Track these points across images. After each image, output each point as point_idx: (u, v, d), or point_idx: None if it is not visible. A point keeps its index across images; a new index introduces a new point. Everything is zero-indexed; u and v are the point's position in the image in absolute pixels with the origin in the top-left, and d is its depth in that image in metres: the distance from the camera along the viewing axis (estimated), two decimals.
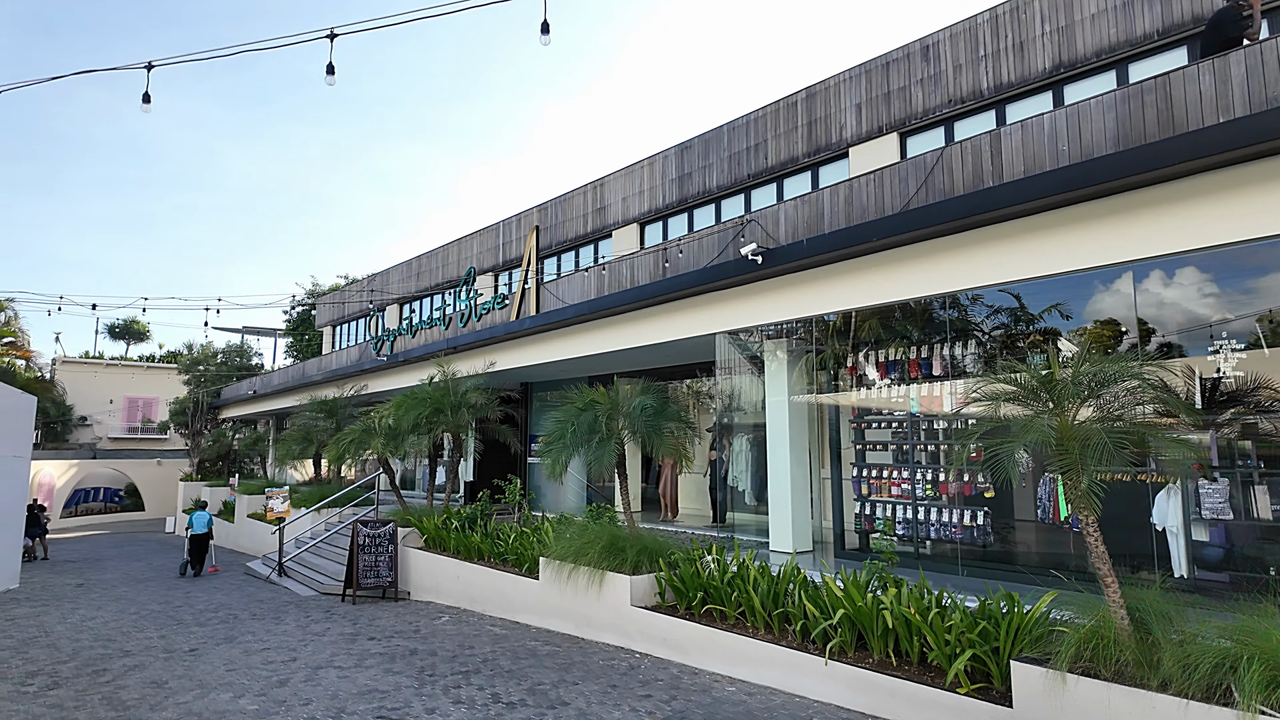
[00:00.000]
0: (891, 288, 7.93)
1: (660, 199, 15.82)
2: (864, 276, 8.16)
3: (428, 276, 23.80)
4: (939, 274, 7.48)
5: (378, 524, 12.83)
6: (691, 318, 10.14)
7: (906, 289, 7.79)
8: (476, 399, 13.67)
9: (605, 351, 11.69)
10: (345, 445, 13.65)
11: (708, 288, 9.58)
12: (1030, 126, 7.14)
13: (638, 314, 10.97)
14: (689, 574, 7.79)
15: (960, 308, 8.81)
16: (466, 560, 11.57)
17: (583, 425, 8.70)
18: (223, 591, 13.87)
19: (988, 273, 7.11)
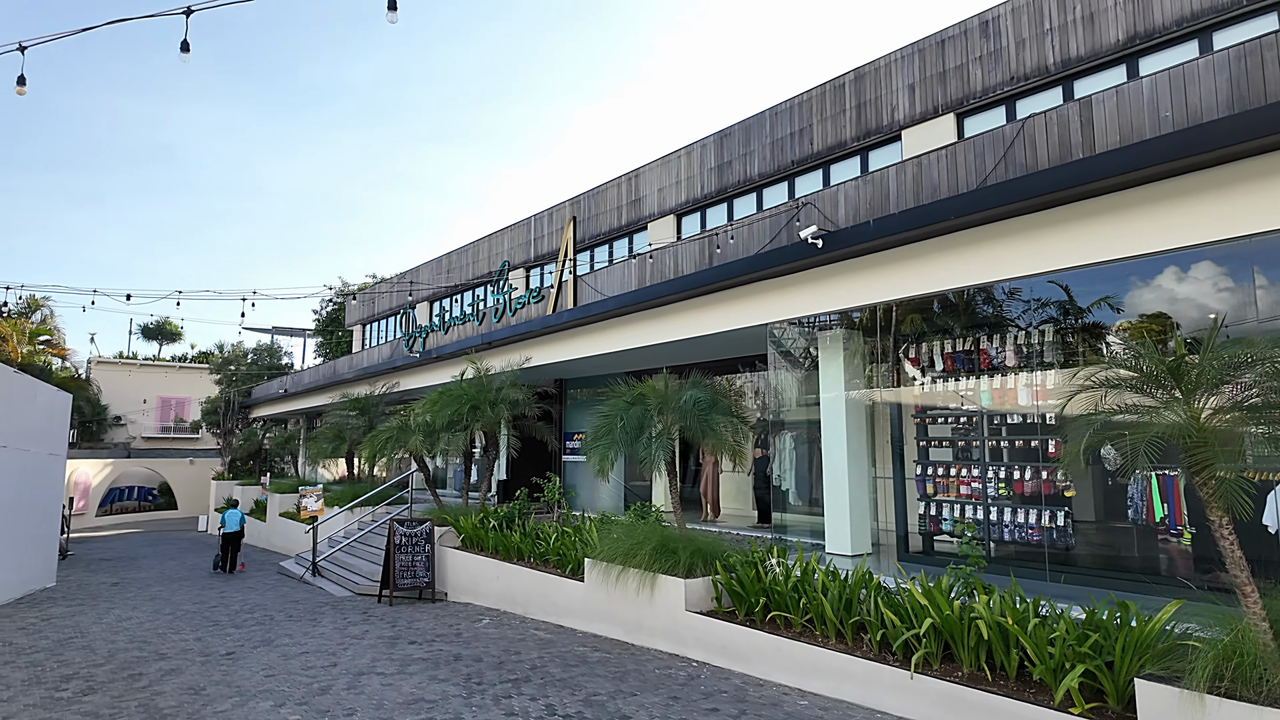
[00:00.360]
0: (969, 270, 7.37)
1: (698, 189, 15.34)
2: (937, 259, 7.59)
3: (459, 273, 23.54)
4: (1024, 254, 6.91)
5: (414, 523, 12.51)
6: (740, 308, 9.65)
7: (986, 271, 7.23)
8: (513, 395, 13.30)
9: (646, 345, 11.24)
10: (381, 442, 13.35)
11: (759, 275, 9.09)
12: (1126, 92, 6.57)
13: (682, 305, 10.50)
14: (749, 578, 7.31)
15: (1025, 293, 8.24)
16: (506, 560, 11.20)
17: (632, 420, 8.26)
18: (257, 592, 13.65)
19: (1081, 251, 6.52)
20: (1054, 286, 7.95)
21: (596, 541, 9.75)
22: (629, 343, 11.61)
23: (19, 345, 19.60)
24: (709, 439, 8.17)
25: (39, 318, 22.66)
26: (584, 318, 12.13)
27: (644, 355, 13.00)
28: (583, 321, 12.34)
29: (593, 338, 12.54)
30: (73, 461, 34.66)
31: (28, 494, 13.26)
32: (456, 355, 16.17)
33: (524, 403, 13.50)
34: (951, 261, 7.49)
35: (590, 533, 10.53)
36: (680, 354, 12.82)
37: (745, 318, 9.51)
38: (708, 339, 10.71)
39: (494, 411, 13.16)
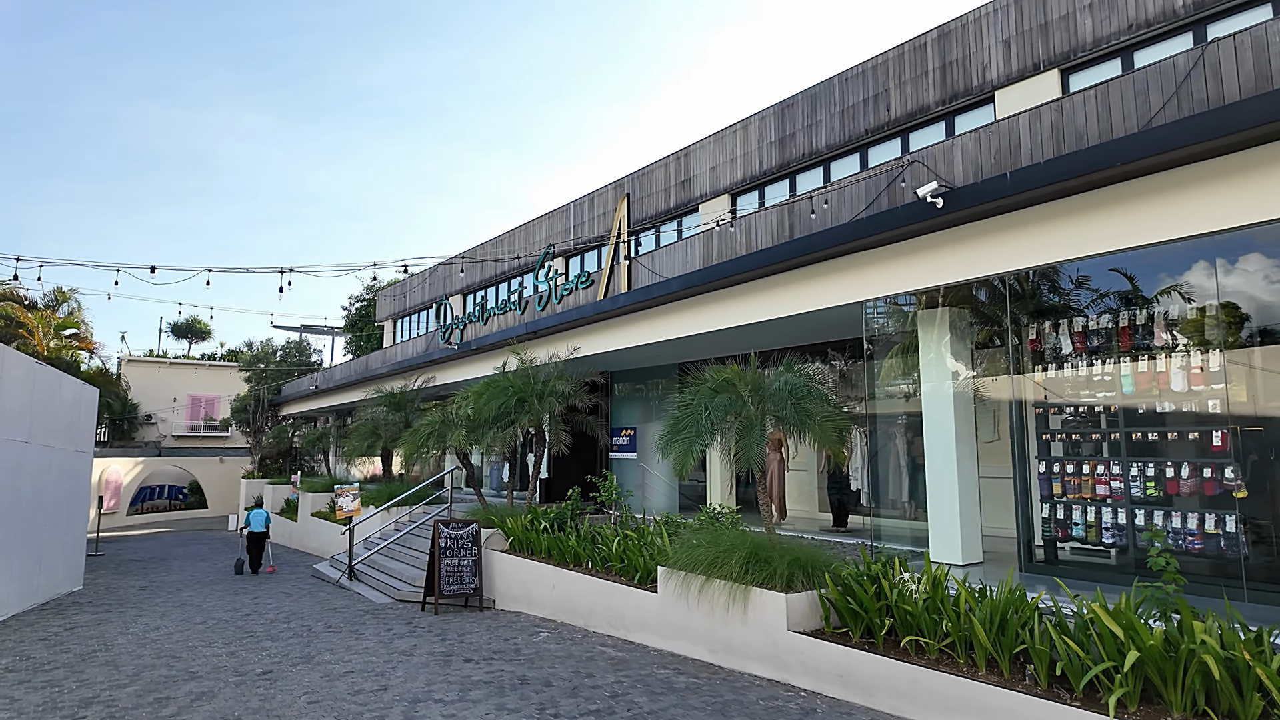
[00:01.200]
0: (1131, 229, 6.20)
1: (756, 165, 14.24)
2: (1097, 215, 6.41)
3: (493, 265, 22.66)
4: (1208, 208, 5.74)
5: (459, 524, 11.58)
6: (831, 283, 8.55)
7: (1155, 229, 6.06)
8: (561, 386, 12.32)
9: (712, 331, 10.17)
10: (422, 438, 12.44)
11: (856, 245, 7.98)
12: None
13: (758, 284, 9.42)
14: (866, 593, 6.23)
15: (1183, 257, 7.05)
16: (561, 566, 10.22)
17: (718, 409, 7.20)
18: (292, 597, 12.82)
19: None
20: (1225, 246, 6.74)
21: (668, 547, 8.73)
22: (692, 328, 10.55)
23: (45, 338, 19.05)
24: (809, 432, 7.10)
25: (66, 310, 22.08)
26: (641, 301, 11.09)
27: (704, 344, 11.95)
28: (640, 306, 11.31)
29: (649, 324, 11.51)
30: (104, 460, 34.41)
31: (53, 493, 12.55)
32: (498, 346, 15.24)
33: (573, 395, 12.52)
34: (1118, 217, 6.29)
35: (657, 537, 9.51)
36: (742, 342, 11.74)
37: (837, 294, 8.41)
38: (784, 323, 9.63)
39: (542, 405, 12.20)
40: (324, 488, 22.22)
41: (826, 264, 8.50)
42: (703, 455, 7.29)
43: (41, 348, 18.93)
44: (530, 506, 12.29)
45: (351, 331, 39.90)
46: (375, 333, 38.55)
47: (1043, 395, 7.96)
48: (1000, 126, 7.42)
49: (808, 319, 9.32)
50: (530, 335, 13.77)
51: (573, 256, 18.86)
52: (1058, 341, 7.81)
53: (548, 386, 12.58)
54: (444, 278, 25.62)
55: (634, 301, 11.17)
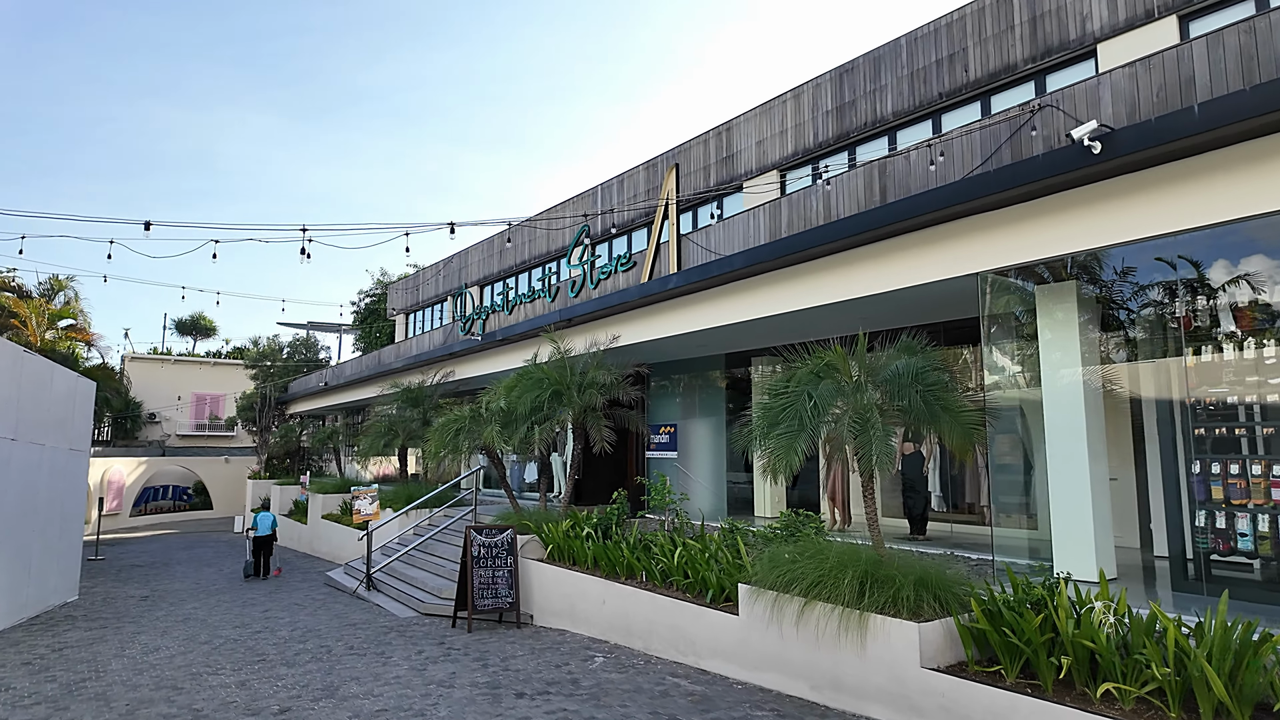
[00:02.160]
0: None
1: (810, 137, 13.04)
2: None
3: (513, 254, 21.50)
4: None
5: (493, 530, 10.41)
6: (939, 252, 7.31)
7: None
8: (604, 377, 11.14)
9: (785, 313, 8.95)
10: (450, 434, 11.28)
11: (977, 205, 6.76)
12: None
13: (843, 257, 8.20)
14: (1030, 624, 5.04)
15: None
16: (610, 579, 9.05)
17: (824, 396, 6.01)
18: (306, 610, 11.67)
19: None
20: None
21: (747, 561, 7.56)
22: (757, 310, 9.35)
23: (39, 329, 17.89)
24: (939, 425, 5.91)
25: (62, 300, 20.89)
26: (697, 282, 9.89)
27: (762, 331, 10.75)
28: (694, 287, 10.10)
29: (705, 307, 10.31)
30: (106, 460, 33.35)
31: (44, 495, 11.41)
32: (527, 336, 14.07)
33: (615, 387, 11.35)
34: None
35: (724, 548, 8.32)
36: (808, 328, 10.53)
37: (948, 264, 7.17)
38: (870, 303, 8.40)
39: (584, 396, 11.02)
40: (335, 489, 21.09)
41: (933, 230, 7.28)
42: (871, 454, 6.02)
43: (35, 339, 17.78)
44: (569, 511, 11.12)
45: (360, 327, 38.81)
46: (385, 328, 37.45)
47: (1194, 383, 6.75)
48: (1160, 59, 6.22)
49: (901, 297, 8.09)
50: (565, 323, 12.60)
51: (601, 243, 17.67)
52: (1215, 318, 6.60)
53: (587, 378, 11.41)
54: (459, 269, 24.48)
55: (687, 282, 9.98)
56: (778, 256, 8.62)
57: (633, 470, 17.27)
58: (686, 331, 10.55)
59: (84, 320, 20.73)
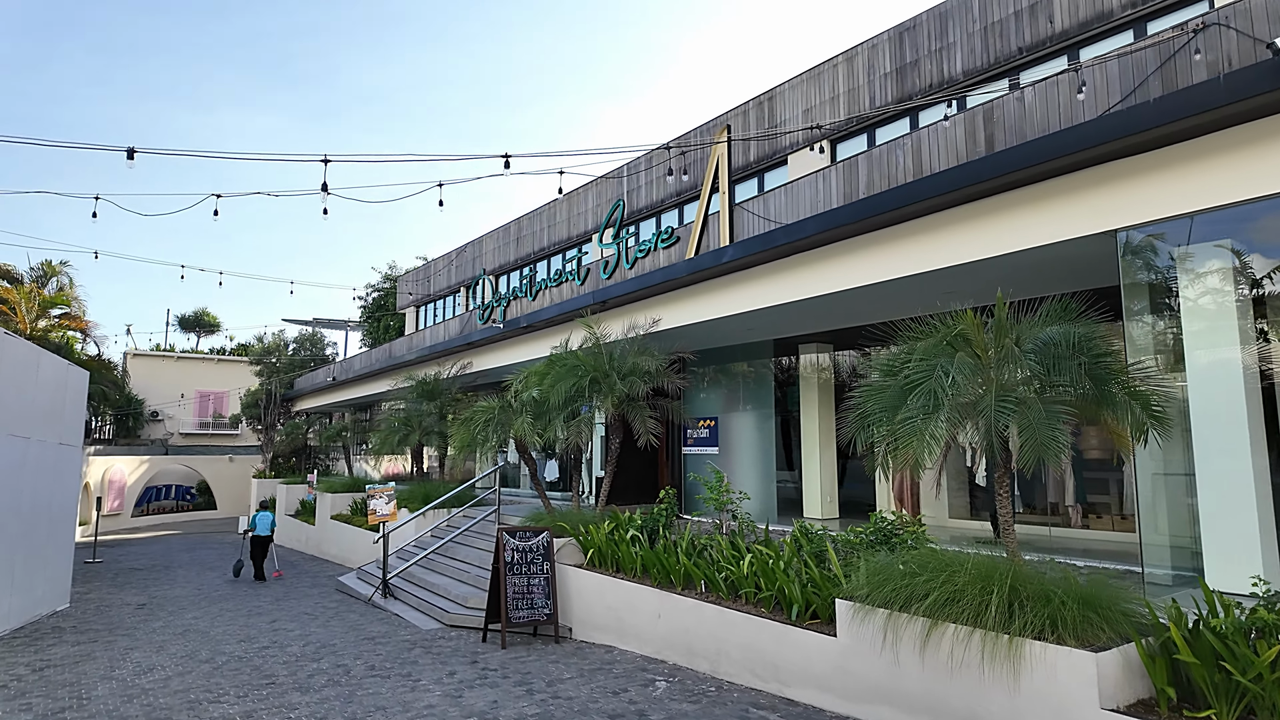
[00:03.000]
0: None
1: (864, 101, 11.91)
2: None
3: (530, 241, 20.42)
4: None
5: (527, 533, 9.32)
6: (1069, 206, 6.15)
7: None
8: (647, 363, 10.05)
9: (868, 285, 7.78)
10: (479, 426, 10.18)
11: (1122, 146, 5.64)
12: None
13: (947, 216, 7.00)
14: (1258, 661, 3.93)
15: None
16: (665, 589, 7.96)
17: (963, 372, 4.89)
18: (318, 620, 10.59)
19: None
20: None
21: (839, 571, 6.46)
22: (833, 283, 8.17)
23: (29, 315, 16.79)
24: (1113, 408, 4.79)
25: (54, 286, 19.74)
26: (759, 253, 8.72)
27: (829, 310, 9.62)
28: (756, 259, 8.90)
29: (766, 282, 9.14)
30: (107, 458, 32.37)
31: (28, 494, 10.36)
32: (555, 322, 12.97)
33: (659, 374, 10.24)
34: None
35: (807, 555, 7.22)
36: (885, 305, 9.39)
37: (1082, 221, 6.04)
38: (973, 270, 7.24)
39: (627, 384, 9.93)
40: (345, 488, 20.02)
41: (1066, 179, 6.13)
42: (1046, 445, 4.83)
43: (25, 326, 16.68)
44: (614, 512, 10.03)
45: (368, 322, 37.80)
46: (393, 323, 36.42)
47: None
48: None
49: (1013, 263, 6.92)
50: (599, 305, 11.49)
51: (628, 225, 16.56)
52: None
53: (628, 364, 10.31)
54: (473, 258, 23.43)
55: (746, 254, 8.84)
56: (861, 219, 7.47)
57: (664, 468, 16.19)
58: (742, 311, 9.42)
59: (79, 308, 19.56)
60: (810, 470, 12.42)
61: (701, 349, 13.03)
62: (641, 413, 10.02)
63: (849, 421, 5.55)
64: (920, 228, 7.25)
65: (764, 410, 12.75)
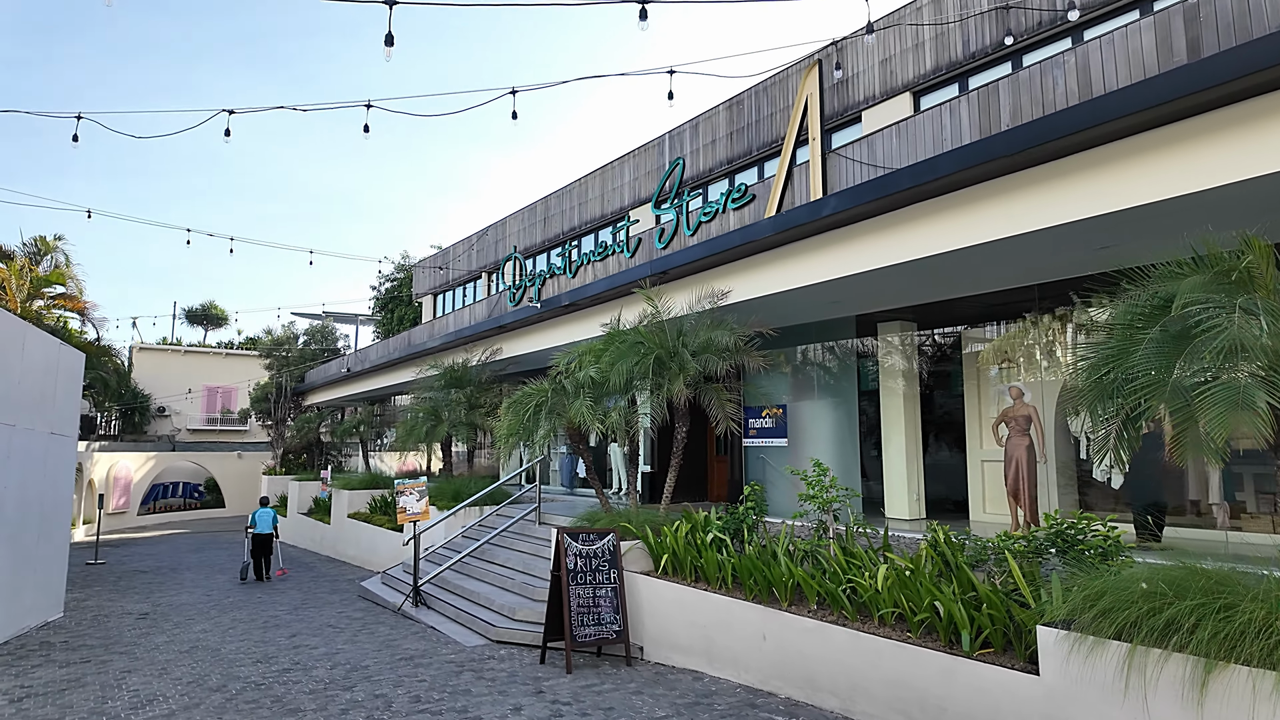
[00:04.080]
0: None
1: (958, 48, 10.48)
2: None
3: (560, 220, 19.04)
4: None
5: (590, 536, 7.97)
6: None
7: None
8: (723, 338, 8.66)
9: (1019, 234, 6.36)
10: (529, 411, 8.81)
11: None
12: None
13: (1116, 148, 5.65)
14: None
15: None
16: (769, 605, 6.60)
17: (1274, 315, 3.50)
18: (344, 634, 9.26)
19: None
20: None
21: (1025, 589, 5.08)
22: (973, 233, 6.72)
23: (19, 294, 15.41)
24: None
25: (48, 264, 18.31)
26: (872, 201, 7.24)
27: (934, 274, 8.23)
28: (868, 209, 7.42)
29: (874, 240, 7.69)
30: (113, 454, 31.17)
31: (14, 491, 9.05)
32: (605, 297, 11.60)
33: (738, 351, 8.86)
34: None
35: (952, 568, 5.84)
36: (1002, 269, 8.00)
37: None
38: (1162, 212, 5.83)
39: (699, 363, 8.55)
40: (363, 484, 18.73)
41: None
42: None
43: (14, 305, 15.30)
44: (687, 512, 8.66)
45: (381, 314, 36.54)
46: (408, 315, 35.14)
47: None
48: None
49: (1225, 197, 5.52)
50: (659, 277, 10.11)
51: (665, 200, 15.13)
52: None
53: (699, 339, 8.93)
54: (495, 241, 22.08)
55: (857, 203, 7.38)
56: (1024, 149, 6.01)
57: (715, 463, 14.81)
58: (841, 276, 8.01)
59: (76, 287, 18.17)
60: (894, 465, 11.01)
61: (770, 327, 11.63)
62: (719, 395, 8.63)
63: (1078, 392, 4.14)
64: (1096, 159, 5.82)
65: (842, 397, 11.35)
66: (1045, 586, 5.17)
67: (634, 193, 16.62)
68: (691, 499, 13.49)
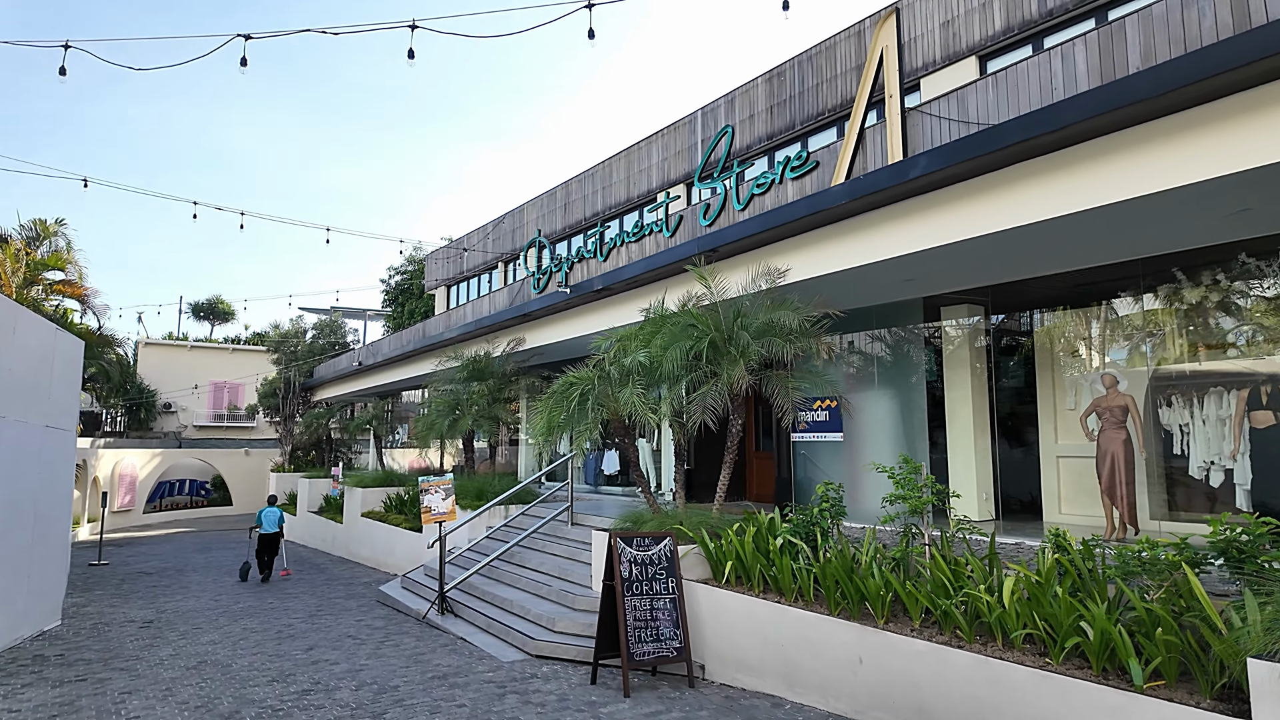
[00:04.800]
0: None
1: (1030, 7, 9.56)
2: None
3: (582, 206, 18.17)
4: None
5: (645, 540, 7.09)
6: None
7: None
8: (787, 318, 7.76)
9: (1178, 186, 5.40)
10: (574, 400, 7.92)
11: None
12: None
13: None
14: None
15: None
16: (861, 622, 5.72)
17: None
18: (366, 646, 8.41)
19: None
20: None
21: (1209, 609, 4.19)
22: (1080, 199, 5.86)
23: (14, 278, 14.45)
24: None
25: (46, 249, 17.30)
26: (978, 156, 6.23)
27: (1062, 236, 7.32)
28: (971, 168, 6.46)
29: (973, 203, 6.76)
30: (118, 451, 30.41)
31: (5, 487, 8.22)
32: (644, 280, 10.72)
33: (803, 334, 7.96)
34: None
35: (1109, 577, 4.95)
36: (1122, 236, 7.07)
37: None
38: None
39: (761, 346, 7.67)
40: (377, 482, 17.90)
41: None
42: None
43: (9, 291, 14.38)
44: (749, 515, 7.78)
45: (391, 307, 35.77)
46: (419, 308, 34.33)
47: None
48: None
49: None
50: (710, 254, 9.21)
51: (705, 179, 14.22)
52: None
53: (758, 321, 8.03)
54: (512, 229, 21.22)
55: (959, 159, 6.42)
56: (1180, 86, 5.08)
57: (755, 459, 13.92)
58: (929, 247, 7.09)
59: (77, 270, 17.22)
60: (962, 462, 10.12)
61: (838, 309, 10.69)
62: (785, 383, 7.73)
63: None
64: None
65: (905, 388, 10.44)
66: (1230, 606, 4.27)
67: (663, 174, 15.73)
68: (729, 498, 12.61)
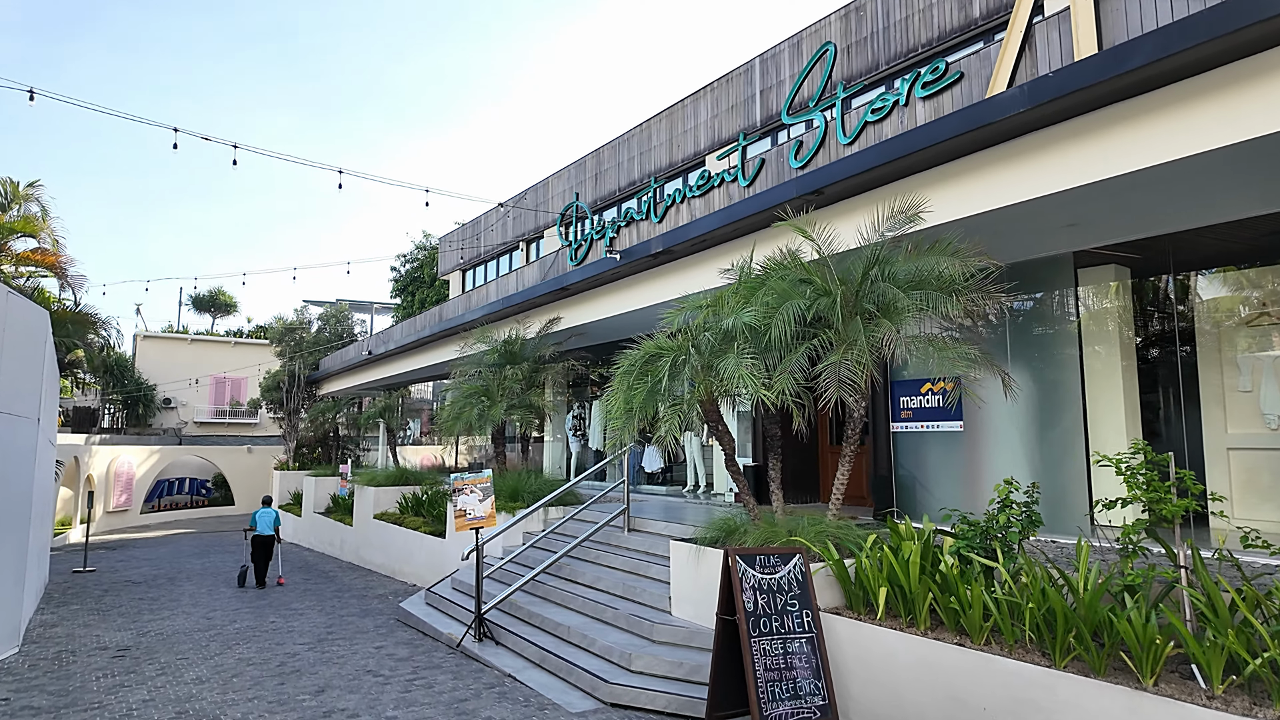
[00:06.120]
0: None
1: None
2: None
3: (615, 175, 16.39)
4: None
5: (770, 560, 5.30)
6: None
7: None
8: (946, 266, 5.94)
9: None
10: (661, 375, 6.10)
11: None
12: None
13: None
14: None
15: None
16: (1117, 683, 3.93)
17: None
18: (390, 686, 6.63)
19: None
20: None
21: None
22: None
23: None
24: None
25: (16, 213, 15.25)
26: (1226, 34, 4.56)
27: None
28: (1206, 56, 4.75)
29: (1200, 108, 5.02)
30: (114, 448, 28.71)
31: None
32: (721, 235, 8.91)
33: (965, 286, 6.13)
34: None
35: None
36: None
37: None
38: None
39: (914, 300, 5.86)
40: (390, 480, 16.15)
41: None
42: None
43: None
44: (897, 524, 5.98)
45: (400, 295, 34.07)
46: (429, 296, 32.62)
47: None
48: None
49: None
50: (812, 197, 7.39)
51: (755, 142, 12.41)
52: None
53: (902, 271, 6.21)
54: (536, 205, 19.46)
55: (1193, 43, 4.69)
56: None
57: (829, 454, 12.10)
58: (1160, 162, 5.26)
59: (50, 237, 15.21)
60: (1105, 453, 8.29)
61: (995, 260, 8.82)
62: (944, 353, 5.88)
63: None
64: None
65: (1044, 366, 8.62)
66: None
67: (711, 133, 13.94)
68: (796, 500, 10.81)
